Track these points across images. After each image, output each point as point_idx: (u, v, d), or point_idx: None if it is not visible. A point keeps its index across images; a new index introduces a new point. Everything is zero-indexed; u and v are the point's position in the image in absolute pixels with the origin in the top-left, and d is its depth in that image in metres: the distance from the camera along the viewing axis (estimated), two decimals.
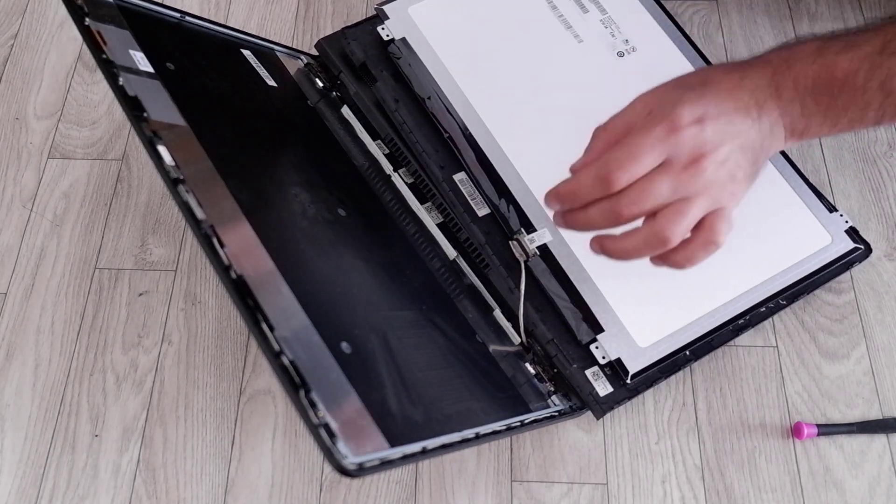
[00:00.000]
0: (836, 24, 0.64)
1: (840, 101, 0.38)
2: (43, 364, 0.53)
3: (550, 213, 0.41)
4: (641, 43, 0.57)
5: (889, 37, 0.37)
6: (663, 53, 0.56)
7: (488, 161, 0.52)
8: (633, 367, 0.47)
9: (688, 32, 0.64)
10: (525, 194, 0.51)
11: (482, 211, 0.52)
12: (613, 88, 0.54)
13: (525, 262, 0.50)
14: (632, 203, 0.37)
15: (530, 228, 0.51)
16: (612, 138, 0.40)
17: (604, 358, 0.48)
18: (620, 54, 0.56)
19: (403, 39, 0.56)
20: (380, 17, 0.57)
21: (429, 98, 0.54)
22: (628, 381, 0.48)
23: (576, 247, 0.50)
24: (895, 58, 0.37)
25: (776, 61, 0.40)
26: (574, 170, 0.40)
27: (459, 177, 0.53)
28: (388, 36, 0.56)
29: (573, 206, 0.39)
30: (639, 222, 0.38)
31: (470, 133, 0.53)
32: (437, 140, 0.54)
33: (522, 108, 0.54)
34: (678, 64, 0.56)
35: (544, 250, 0.50)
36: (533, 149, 0.53)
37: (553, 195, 0.40)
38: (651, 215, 0.38)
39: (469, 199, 0.52)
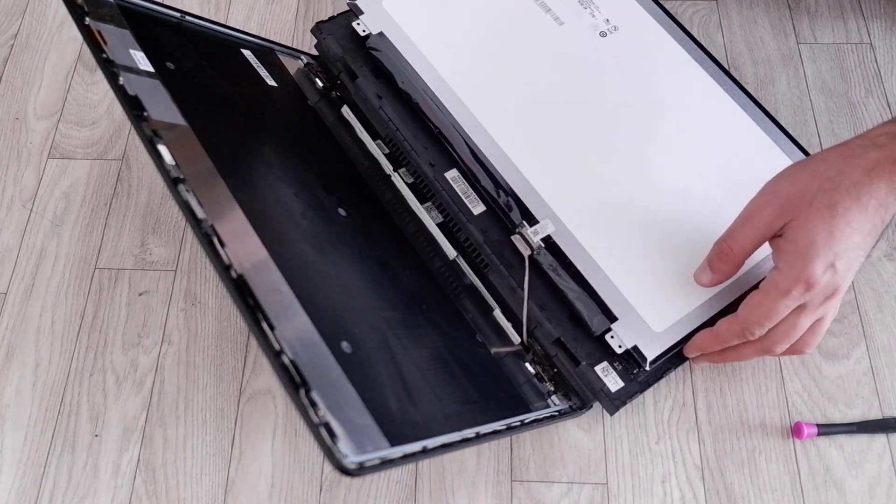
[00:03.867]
0: (836, 23, 0.65)
1: None
2: (43, 364, 0.53)
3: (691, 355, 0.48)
4: (622, 21, 0.56)
5: None
6: (646, 30, 0.56)
7: (482, 154, 0.51)
8: (650, 353, 0.46)
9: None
10: (523, 185, 0.50)
11: (477, 209, 0.51)
12: (599, 68, 0.54)
13: (530, 255, 0.48)
14: (780, 342, 0.44)
15: (532, 221, 0.49)
16: (740, 258, 0.44)
17: (620, 347, 0.47)
18: (603, 34, 0.55)
19: (381, 33, 0.54)
20: (353, 12, 0.56)
21: (413, 92, 0.52)
22: (647, 367, 0.46)
23: (581, 236, 0.49)
24: None
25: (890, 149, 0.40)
26: (699, 281, 0.47)
27: (452, 174, 0.51)
28: (364, 31, 0.55)
29: (713, 350, 0.46)
30: None
31: (460, 125, 0.51)
32: (426, 136, 0.52)
33: (510, 95, 0.53)
34: (661, 40, 0.55)
35: (549, 242, 0.49)
36: (525, 137, 0.52)
37: (695, 347, 0.47)
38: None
39: (463, 197, 0.51)
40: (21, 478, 0.50)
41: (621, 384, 0.47)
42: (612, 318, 0.47)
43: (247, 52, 0.54)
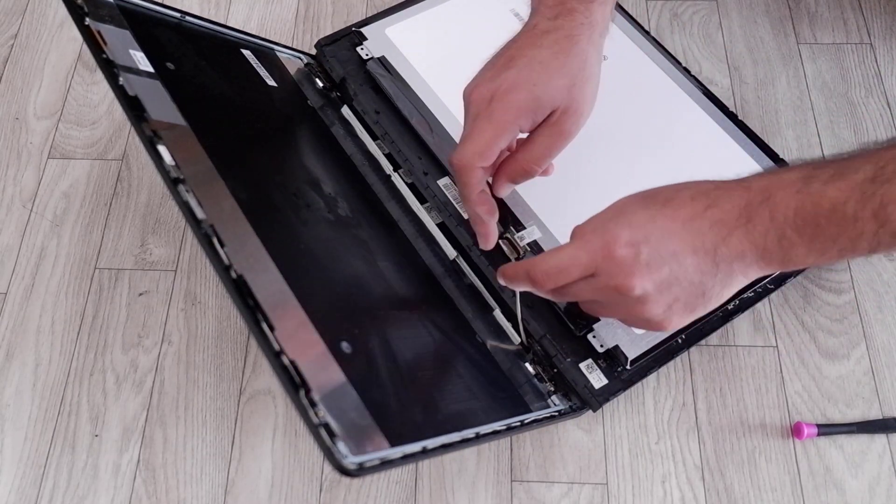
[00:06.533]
0: (836, 23, 0.65)
1: (828, 231, 0.36)
2: (43, 364, 0.53)
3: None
4: (611, 51, 0.59)
5: (882, 163, 0.35)
6: (632, 59, 0.59)
7: None
8: (631, 353, 0.48)
9: (687, 32, 0.64)
10: (512, 195, 0.52)
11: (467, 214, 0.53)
12: None
13: (516, 259, 0.50)
14: (558, 296, 0.41)
15: (519, 226, 0.52)
16: None
17: (602, 347, 0.48)
18: None
19: (382, 57, 0.58)
20: (354, 35, 0.59)
21: (409, 109, 0.56)
22: (628, 366, 0.48)
23: (566, 242, 0.51)
24: (888, 185, 0.34)
25: (754, 189, 0.37)
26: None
27: (444, 181, 0.54)
28: (367, 55, 0.58)
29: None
30: None
31: (453, 140, 0.54)
32: (420, 147, 0.55)
33: None
34: (646, 67, 0.59)
35: (534, 247, 0.51)
36: None
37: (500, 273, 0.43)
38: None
39: (454, 202, 0.53)
40: (21, 478, 0.50)
41: (605, 381, 0.48)
42: (595, 319, 0.49)
43: (247, 53, 0.54)
